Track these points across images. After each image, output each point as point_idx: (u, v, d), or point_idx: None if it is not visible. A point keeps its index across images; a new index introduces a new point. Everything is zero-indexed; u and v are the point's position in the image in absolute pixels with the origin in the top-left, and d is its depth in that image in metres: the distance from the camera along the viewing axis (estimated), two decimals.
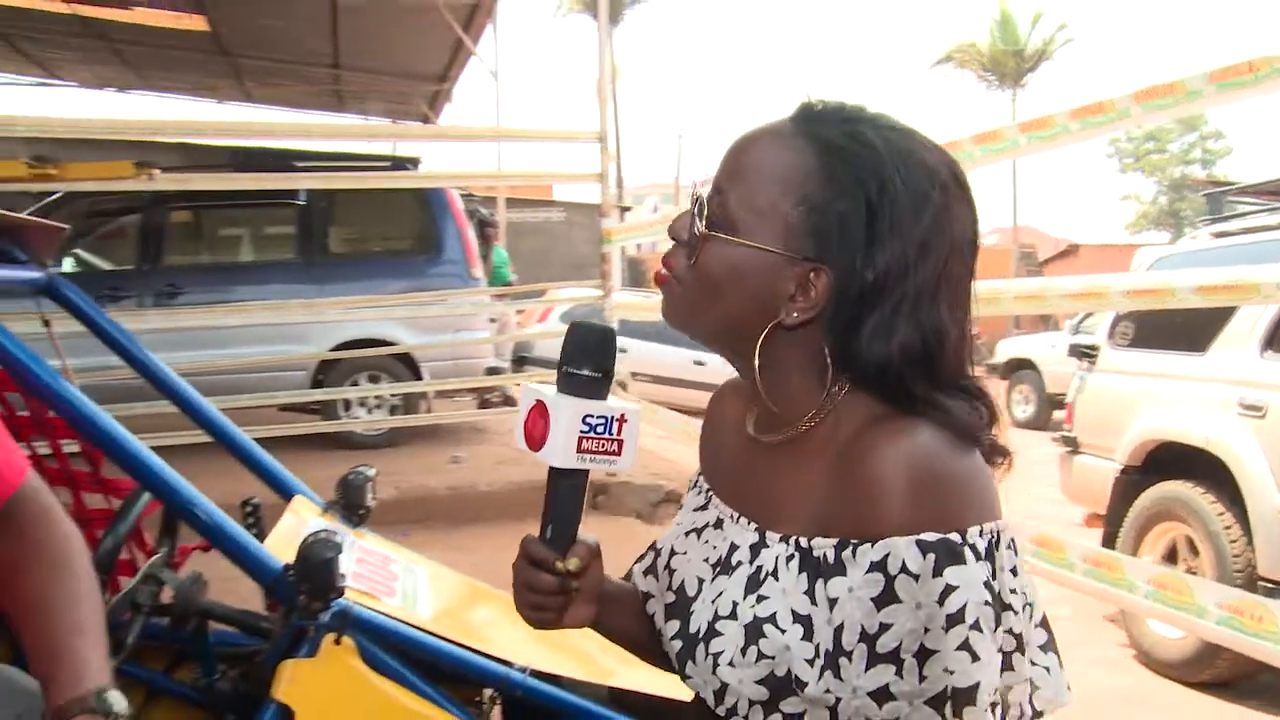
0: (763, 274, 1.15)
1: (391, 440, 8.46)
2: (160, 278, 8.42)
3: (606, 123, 7.33)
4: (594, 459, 1.18)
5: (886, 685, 1.05)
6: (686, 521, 1.36)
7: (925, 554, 1.04)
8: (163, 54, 15.93)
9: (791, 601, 1.13)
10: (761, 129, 1.21)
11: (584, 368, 1.19)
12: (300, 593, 1.87)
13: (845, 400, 1.17)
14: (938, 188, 1.14)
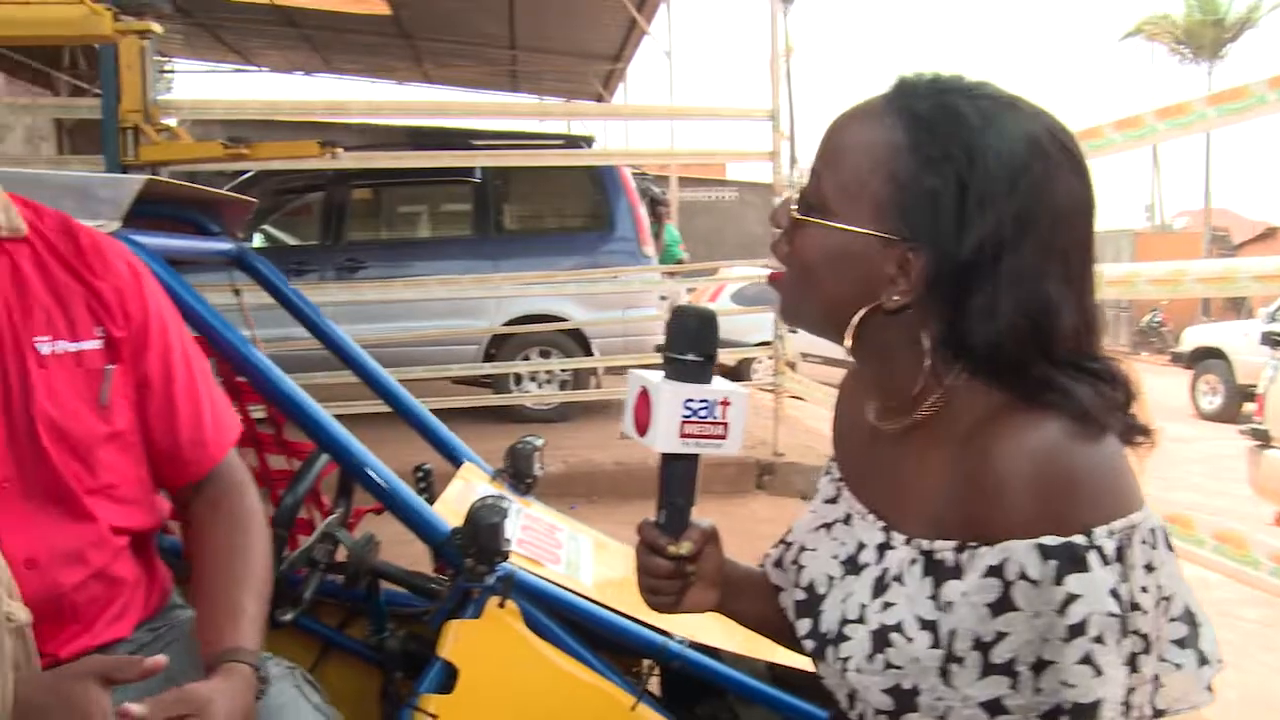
0: (859, 257, 1.12)
1: (561, 415, 8.60)
2: (342, 253, 8.74)
3: (779, 101, 7.27)
4: (698, 443, 1.19)
5: (999, 698, 1.01)
6: (818, 515, 1.34)
7: (1046, 559, 0.98)
8: (346, 38, 16.48)
9: (918, 608, 1.10)
10: (854, 108, 1.18)
11: (686, 353, 1.19)
12: (467, 555, 1.92)
13: (963, 388, 1.13)
14: (1038, 156, 1.08)
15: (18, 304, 1.47)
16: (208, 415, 1.65)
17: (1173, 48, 38.87)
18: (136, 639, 1.57)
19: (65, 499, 1.46)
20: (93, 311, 1.53)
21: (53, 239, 1.55)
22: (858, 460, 1.29)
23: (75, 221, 1.60)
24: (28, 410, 1.43)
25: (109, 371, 1.53)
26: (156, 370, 1.59)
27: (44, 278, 1.51)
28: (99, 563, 1.49)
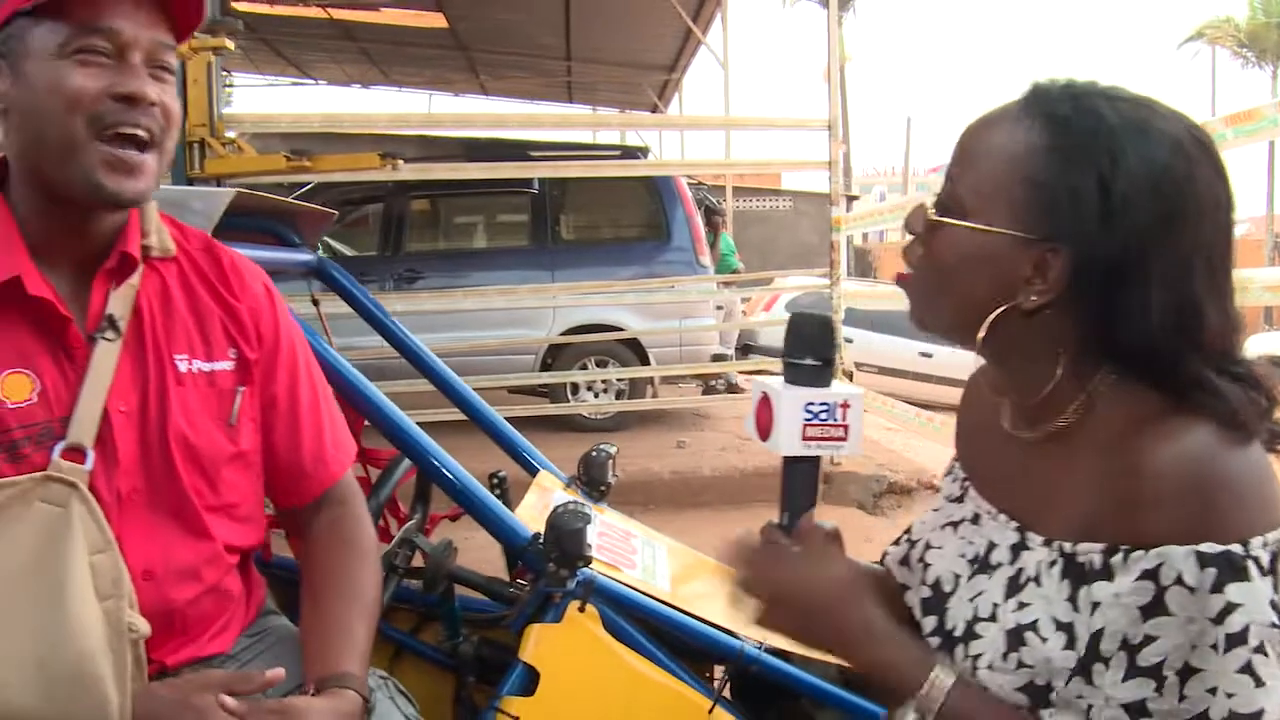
0: (997, 257, 1.13)
1: (618, 424, 8.61)
2: (401, 263, 8.84)
3: (836, 109, 7.28)
4: (820, 445, 1.22)
5: (1143, 700, 1.02)
6: (943, 513, 1.36)
7: (1204, 567, 0.99)
8: (404, 51, 16.66)
9: (1054, 610, 1.11)
10: (991, 113, 1.20)
11: (805, 357, 1.23)
12: (549, 560, 1.96)
13: (1107, 393, 1.14)
14: (1179, 155, 1.09)
15: (163, 322, 1.52)
16: (328, 434, 1.70)
17: (1235, 51, 38.34)
18: (236, 646, 1.61)
19: (186, 514, 1.50)
20: (228, 332, 1.58)
21: (197, 258, 1.60)
22: (987, 461, 1.30)
23: (217, 242, 1.65)
24: (163, 426, 1.48)
25: (239, 393, 1.58)
26: (284, 390, 1.64)
27: (187, 297, 1.56)
28: (211, 580, 1.53)
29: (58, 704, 1.31)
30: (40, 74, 1.36)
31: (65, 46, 1.36)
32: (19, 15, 1.37)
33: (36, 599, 1.33)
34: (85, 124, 1.36)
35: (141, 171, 1.41)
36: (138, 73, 1.39)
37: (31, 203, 1.43)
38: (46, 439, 1.39)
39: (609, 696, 1.94)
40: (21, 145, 1.40)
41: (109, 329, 1.44)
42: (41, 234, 1.43)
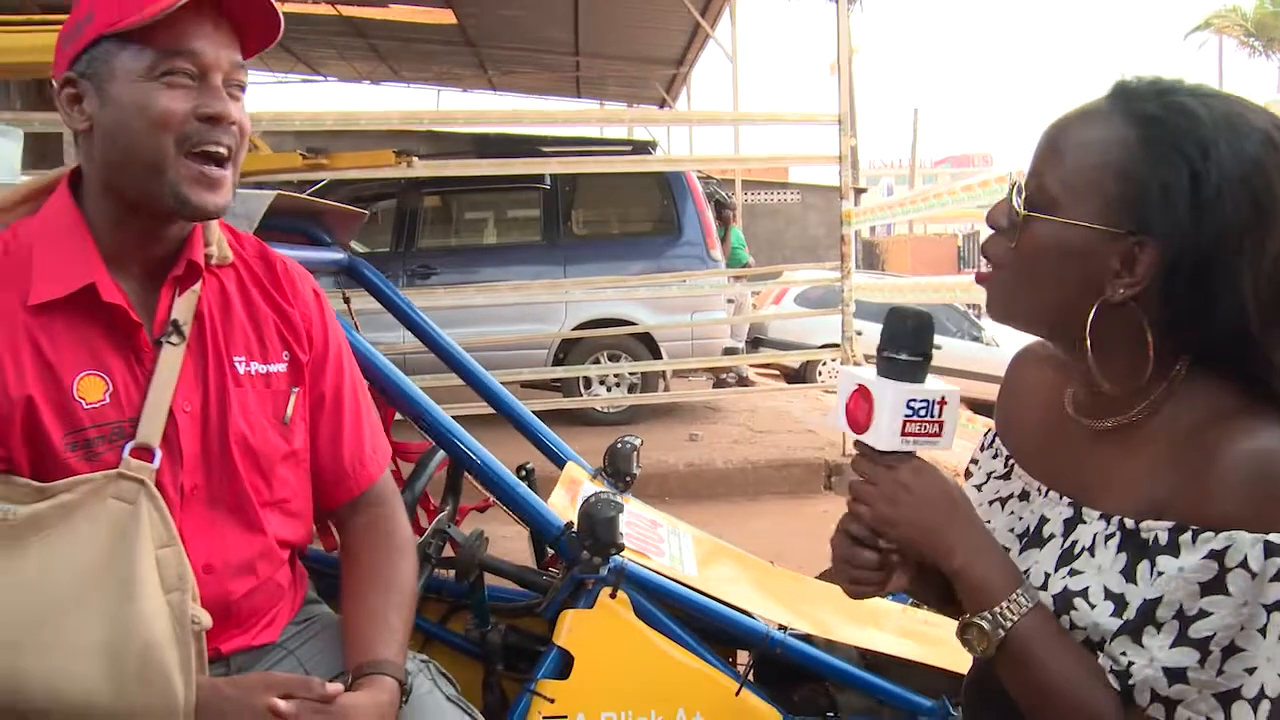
0: (1085, 251, 1.17)
1: (630, 417, 8.66)
2: (414, 259, 8.90)
3: (847, 104, 7.32)
4: (916, 441, 1.22)
5: (1184, 669, 1.08)
6: (989, 490, 1.40)
7: (1270, 555, 1.05)
8: (413, 47, 16.75)
9: (1106, 579, 1.17)
10: (1076, 110, 1.23)
11: (902, 352, 1.23)
12: (583, 547, 2.03)
13: (1185, 386, 1.18)
14: (1268, 148, 1.13)
15: (222, 326, 1.59)
16: (368, 436, 1.77)
17: (1242, 40, 38.17)
18: (284, 634, 1.68)
19: (243, 510, 1.57)
20: (282, 335, 1.66)
21: (252, 264, 1.67)
22: (1039, 441, 1.35)
23: (270, 248, 1.73)
24: (223, 425, 1.55)
25: (294, 393, 1.65)
26: (330, 392, 1.71)
27: (244, 302, 1.63)
28: (265, 574, 1.60)
29: (127, 693, 1.37)
30: (128, 95, 1.43)
31: (152, 70, 1.42)
32: (104, 39, 1.43)
33: (108, 591, 1.40)
34: (173, 143, 1.43)
35: (222, 186, 1.49)
36: (219, 94, 1.46)
37: (108, 214, 1.50)
38: (118, 438, 1.46)
39: (640, 679, 2.01)
40: (106, 161, 1.47)
41: (174, 333, 1.52)
42: (115, 243, 1.50)
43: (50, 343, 1.44)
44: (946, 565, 1.23)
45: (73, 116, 1.48)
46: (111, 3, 1.43)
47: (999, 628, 1.19)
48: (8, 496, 1.40)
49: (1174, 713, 1.10)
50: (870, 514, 1.26)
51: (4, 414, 1.40)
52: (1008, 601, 1.19)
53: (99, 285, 1.46)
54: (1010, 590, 1.20)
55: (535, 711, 1.96)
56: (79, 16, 1.46)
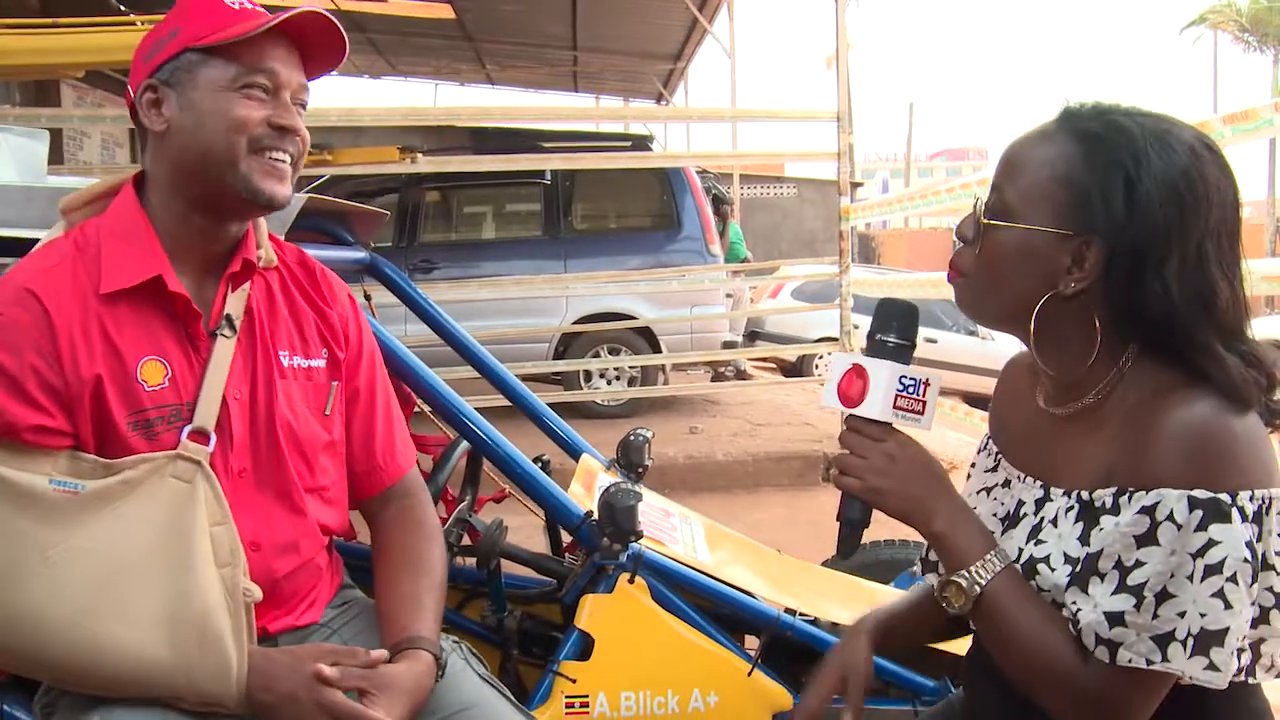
0: (1040, 252, 1.33)
1: (630, 410, 8.75)
2: (416, 254, 8.95)
3: (846, 101, 7.40)
4: (904, 415, 1.37)
5: (1122, 613, 1.22)
6: (977, 481, 1.56)
7: (1193, 509, 1.19)
8: (411, 41, 16.75)
9: (1065, 546, 1.32)
10: (1029, 133, 1.40)
11: (891, 335, 1.40)
12: (604, 535, 2.12)
13: (1132, 372, 1.34)
14: (1193, 157, 1.29)
15: (269, 322, 1.71)
16: (398, 432, 1.89)
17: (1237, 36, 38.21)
18: (324, 617, 1.79)
19: (288, 494, 1.68)
20: (321, 334, 1.78)
21: (294, 269, 1.80)
22: (1019, 435, 1.51)
23: (308, 255, 1.85)
24: (270, 413, 1.67)
25: (334, 387, 1.77)
26: (364, 389, 1.83)
27: (288, 302, 1.76)
28: (307, 555, 1.71)
29: (186, 656, 1.50)
30: (210, 102, 1.57)
31: (234, 81, 1.57)
32: (189, 51, 1.57)
33: (168, 563, 1.52)
34: (246, 144, 1.57)
35: (287, 178, 1.64)
36: (289, 108, 1.62)
37: (173, 212, 1.63)
38: (175, 420, 1.57)
39: (657, 660, 2.10)
40: (181, 160, 1.60)
41: (227, 326, 1.64)
42: (177, 240, 1.63)
43: (117, 328, 1.55)
44: (927, 529, 1.38)
45: (152, 119, 1.60)
46: (200, 20, 1.57)
47: (975, 585, 1.33)
48: (76, 472, 1.51)
49: (1116, 654, 1.23)
50: (860, 485, 1.38)
51: (75, 393, 1.51)
52: (982, 562, 1.34)
53: (165, 277, 1.57)
54: (984, 552, 1.34)
55: (558, 691, 2.05)
56: (162, 33, 1.60)
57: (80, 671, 1.51)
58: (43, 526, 1.48)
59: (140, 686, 1.51)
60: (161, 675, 1.50)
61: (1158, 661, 1.21)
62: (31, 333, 1.50)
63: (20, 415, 1.48)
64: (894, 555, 3.00)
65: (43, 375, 1.50)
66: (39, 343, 1.50)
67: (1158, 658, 1.21)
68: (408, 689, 1.57)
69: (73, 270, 1.56)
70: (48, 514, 1.49)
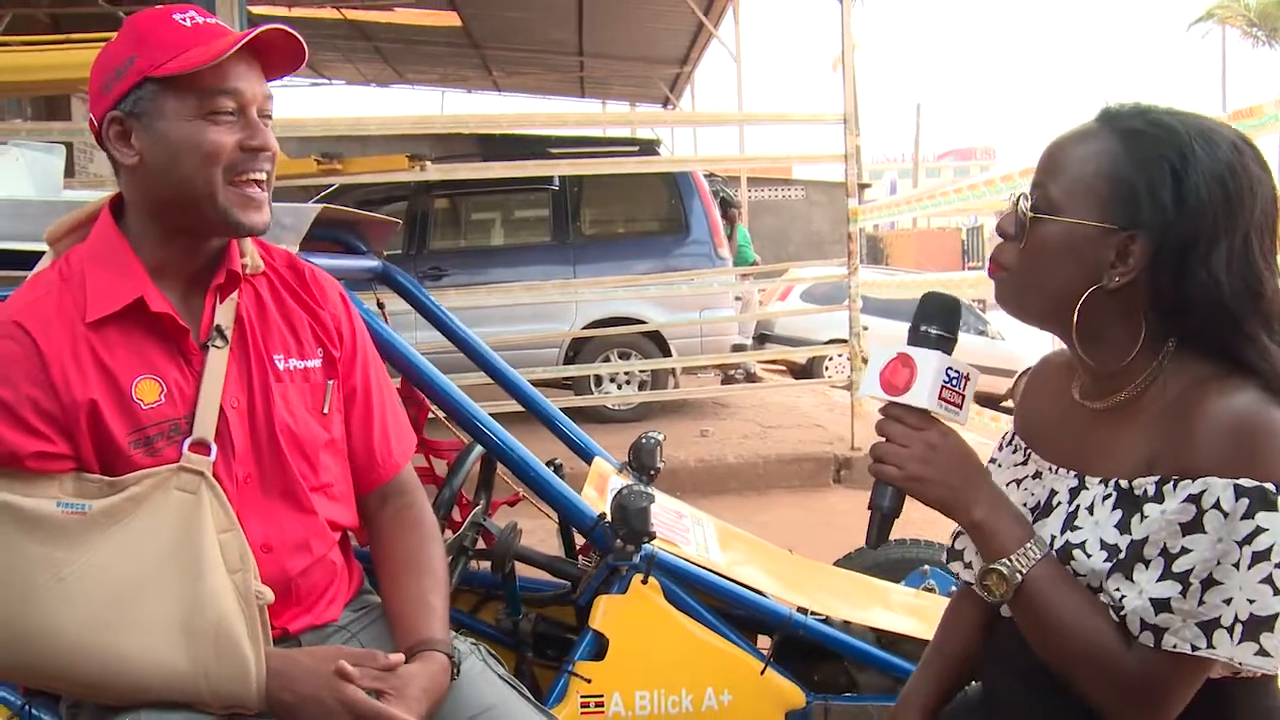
0: (1085, 247, 1.35)
1: (641, 414, 8.75)
2: (425, 261, 9.00)
3: (852, 103, 7.42)
4: (946, 407, 1.38)
5: (1168, 599, 1.24)
6: (1007, 473, 1.57)
7: (1240, 497, 1.21)
8: (418, 49, 16.85)
9: (1102, 533, 1.34)
10: (1071, 131, 1.42)
11: (935, 327, 1.41)
12: (617, 537, 2.15)
13: (1172, 364, 1.35)
14: (1235, 152, 1.32)
15: (260, 328, 1.73)
16: (394, 429, 1.91)
17: (1245, 31, 38.09)
18: (344, 618, 1.82)
19: (294, 494, 1.72)
20: (315, 334, 1.80)
21: (283, 273, 1.82)
22: (1052, 430, 1.52)
23: (297, 258, 1.88)
24: (269, 417, 1.70)
25: (330, 386, 1.80)
26: (360, 385, 1.86)
27: (279, 305, 1.78)
28: (319, 552, 1.74)
29: (202, 663, 1.53)
30: (178, 133, 1.57)
31: (199, 108, 1.57)
32: (148, 81, 1.57)
33: (179, 573, 1.55)
34: (221, 173, 1.58)
35: (265, 206, 1.65)
36: (259, 126, 1.62)
37: (153, 234, 1.65)
38: (175, 434, 1.60)
39: (671, 660, 2.13)
40: (158, 192, 1.61)
41: (218, 337, 1.67)
42: (159, 259, 1.65)
43: (108, 352, 1.58)
44: (967, 518, 1.39)
45: (122, 152, 1.61)
46: (155, 45, 1.57)
47: (1016, 573, 1.34)
48: (82, 493, 1.55)
49: (1161, 639, 1.25)
50: (901, 474, 1.40)
51: (71, 417, 1.54)
52: (1022, 550, 1.35)
53: (147, 298, 1.60)
54: (1024, 541, 1.36)
55: (573, 691, 2.09)
56: (117, 60, 1.59)
57: (101, 685, 1.55)
58: (54, 548, 1.52)
59: (161, 694, 1.54)
60: (181, 683, 1.54)
61: (1203, 647, 1.22)
62: (23, 363, 1.54)
63: (21, 443, 1.52)
64: (904, 554, 3.02)
65: (39, 403, 1.53)
66: (31, 372, 1.54)
67: (1203, 643, 1.22)
68: (425, 688, 1.61)
69: (59, 300, 1.59)
70: (58, 535, 1.52)
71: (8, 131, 9.02)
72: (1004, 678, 1.53)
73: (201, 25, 1.60)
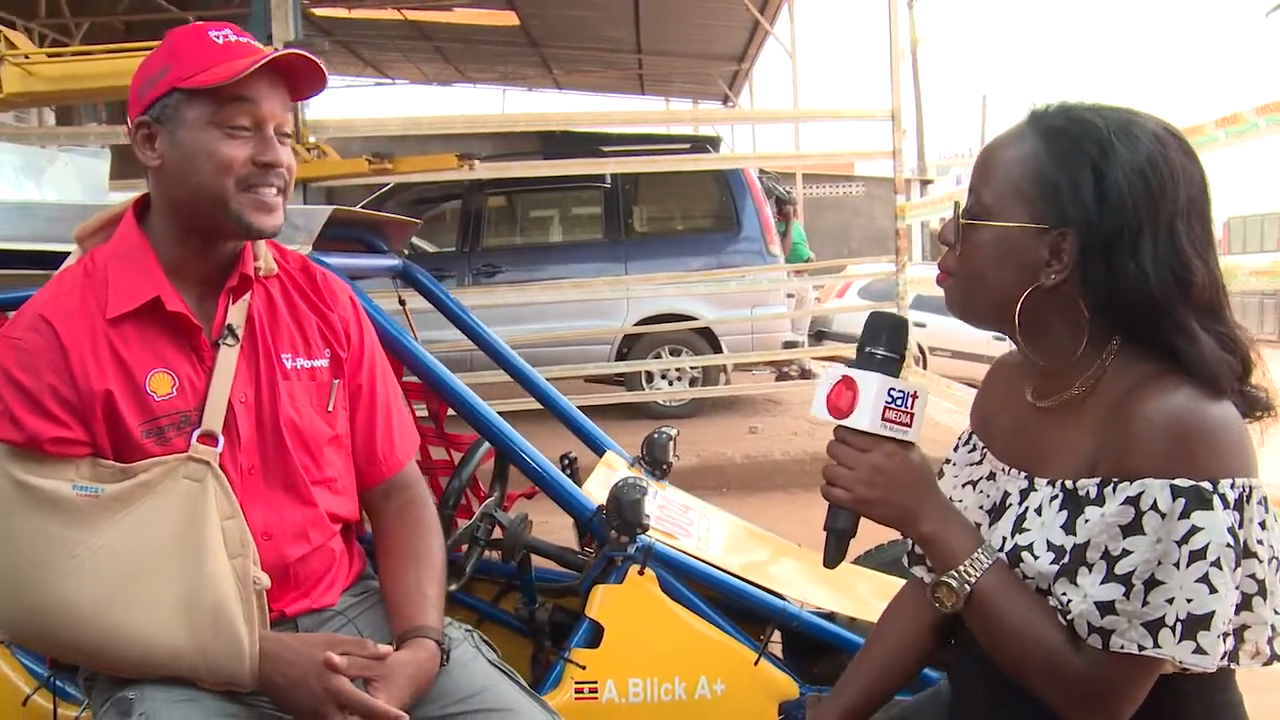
0: (1019, 248, 1.37)
1: (692, 410, 8.81)
2: (479, 258, 9.10)
3: (899, 100, 7.43)
4: (891, 427, 1.39)
5: (1113, 601, 1.26)
6: (963, 474, 1.60)
7: (1176, 497, 1.23)
8: (478, 49, 17.00)
9: (1049, 534, 1.35)
10: (1001, 135, 1.45)
11: (881, 349, 1.42)
12: (611, 528, 2.21)
13: (1116, 362, 1.37)
14: (1157, 143, 1.33)
15: (270, 328, 1.82)
16: (397, 426, 1.99)
17: None
18: (341, 603, 1.90)
19: (296, 487, 1.81)
20: (324, 335, 1.89)
21: (295, 276, 1.91)
22: (1006, 430, 1.54)
23: (310, 261, 1.97)
24: (274, 413, 1.79)
25: (335, 385, 1.89)
26: (365, 383, 1.94)
27: (289, 307, 1.87)
28: (317, 541, 1.83)
29: (201, 641, 1.63)
30: (195, 141, 1.66)
31: (216, 120, 1.66)
32: (175, 90, 1.66)
33: (183, 557, 1.65)
34: (234, 184, 1.67)
35: (278, 210, 1.73)
36: (273, 143, 1.70)
37: (171, 235, 1.75)
38: (185, 425, 1.70)
39: (665, 648, 2.19)
40: (174, 193, 1.71)
41: (229, 336, 1.76)
42: (176, 260, 1.75)
43: (125, 346, 1.68)
44: (916, 533, 1.41)
45: (146, 154, 1.71)
46: (186, 59, 1.67)
47: (965, 583, 1.36)
48: (97, 477, 1.65)
49: (1109, 641, 1.26)
50: (849, 496, 1.42)
51: (88, 405, 1.64)
52: (970, 560, 1.37)
53: (163, 297, 1.70)
54: (972, 550, 1.38)
55: (568, 677, 2.15)
56: (153, 70, 1.70)
57: (108, 656, 1.66)
58: (68, 527, 1.62)
59: (162, 669, 1.64)
60: (180, 659, 1.64)
61: (1150, 647, 1.24)
62: (46, 354, 1.64)
63: (41, 428, 1.62)
64: None
65: (59, 392, 1.63)
66: (54, 363, 1.64)
67: (1149, 643, 1.24)
68: (411, 675, 1.69)
69: (82, 296, 1.69)
70: (72, 516, 1.63)
71: (80, 135, 9.31)
72: (971, 674, 1.55)
73: (233, 44, 1.69)
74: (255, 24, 7.99)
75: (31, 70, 4.22)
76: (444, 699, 1.77)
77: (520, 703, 1.80)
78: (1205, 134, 3.76)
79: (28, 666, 2.00)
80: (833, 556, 1.49)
